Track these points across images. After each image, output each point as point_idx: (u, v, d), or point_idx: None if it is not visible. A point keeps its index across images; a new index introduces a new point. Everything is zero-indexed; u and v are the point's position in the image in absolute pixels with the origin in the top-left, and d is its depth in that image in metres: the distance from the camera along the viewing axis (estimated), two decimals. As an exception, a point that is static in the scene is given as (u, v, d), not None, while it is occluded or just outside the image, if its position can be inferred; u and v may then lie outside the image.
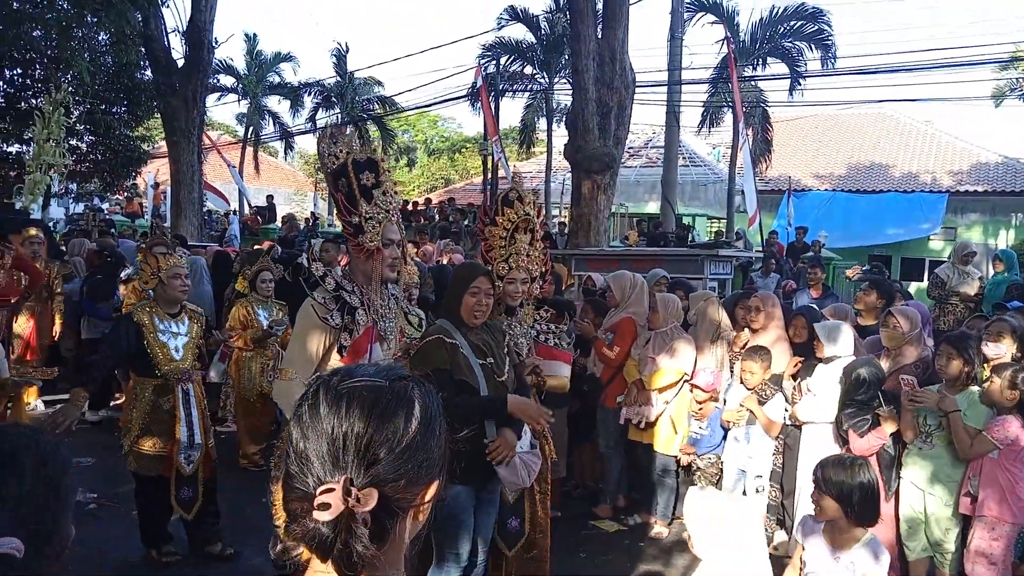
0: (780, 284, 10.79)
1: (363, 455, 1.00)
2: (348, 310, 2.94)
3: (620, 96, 9.72)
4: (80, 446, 6.24)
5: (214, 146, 19.76)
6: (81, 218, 15.08)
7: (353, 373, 1.08)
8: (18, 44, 13.14)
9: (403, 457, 1.01)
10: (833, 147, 24.57)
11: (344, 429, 1.00)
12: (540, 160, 25.22)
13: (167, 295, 4.16)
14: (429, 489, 1.07)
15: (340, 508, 0.95)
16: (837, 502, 2.66)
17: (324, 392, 1.04)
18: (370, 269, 2.99)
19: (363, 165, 2.95)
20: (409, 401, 1.05)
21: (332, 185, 3.02)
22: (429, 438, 1.06)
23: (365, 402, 1.02)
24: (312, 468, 1.01)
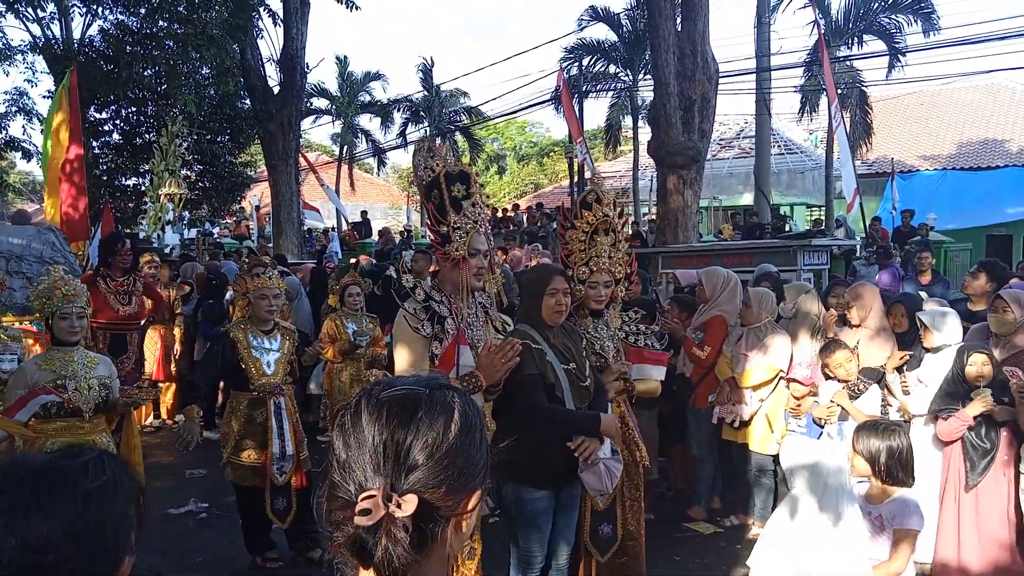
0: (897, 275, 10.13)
1: (403, 461, 1.01)
2: (438, 319, 3.00)
3: (703, 88, 9.51)
4: (193, 459, 6.63)
5: (310, 167, 20.58)
6: (193, 243, 16.05)
7: (394, 383, 1.10)
8: (131, 84, 14.11)
9: (443, 463, 1.02)
10: (941, 124, 23.18)
11: (384, 436, 1.02)
12: (628, 159, 24.97)
13: (255, 314, 4.38)
14: (471, 498, 1.08)
15: (380, 513, 0.97)
16: (867, 462, 2.95)
17: (366, 402, 1.07)
18: (457, 278, 3.05)
19: (455, 177, 3.03)
20: (449, 408, 1.06)
21: (424, 196, 3.11)
22: (469, 445, 1.06)
23: (405, 409, 1.04)
24: (354, 475, 1.03)
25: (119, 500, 1.10)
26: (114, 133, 16.45)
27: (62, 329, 3.63)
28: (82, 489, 1.07)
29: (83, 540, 1.04)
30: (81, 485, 1.07)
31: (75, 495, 1.06)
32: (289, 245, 14.35)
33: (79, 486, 1.07)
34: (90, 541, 1.05)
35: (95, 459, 1.12)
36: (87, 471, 1.09)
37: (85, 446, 1.20)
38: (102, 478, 1.10)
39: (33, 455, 1.16)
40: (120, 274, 6.25)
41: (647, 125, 13.82)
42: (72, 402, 3.54)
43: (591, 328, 3.60)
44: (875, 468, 2.96)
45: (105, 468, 1.11)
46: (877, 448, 2.96)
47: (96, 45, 14.81)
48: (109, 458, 1.14)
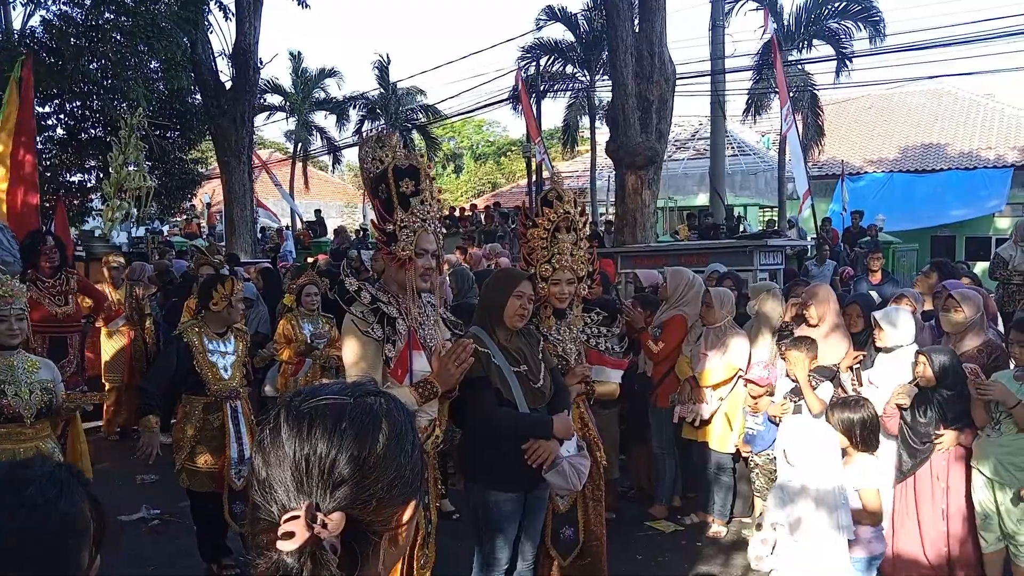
0: (837, 271, 10.49)
1: (327, 477, 0.94)
2: (388, 321, 2.89)
3: (660, 89, 9.60)
4: (144, 464, 6.43)
5: (263, 165, 20.23)
6: (142, 241, 15.62)
7: (317, 393, 1.02)
8: (76, 77, 13.66)
9: (371, 477, 0.95)
10: (887, 128, 23.83)
11: (306, 451, 0.95)
12: (585, 159, 25.11)
13: (229, 318, 4.26)
14: (406, 510, 1.01)
15: (305, 536, 0.90)
16: (844, 434, 3.37)
17: (285, 414, 0.99)
18: (403, 279, 2.94)
19: (404, 172, 2.89)
20: (375, 417, 0.99)
21: (371, 191, 2.98)
22: (399, 455, 0.99)
23: (328, 420, 0.96)
24: (276, 496, 0.95)
25: (69, 518, 1.02)
26: (58, 128, 15.90)
27: (0, 332, 3.46)
28: (26, 505, 0.99)
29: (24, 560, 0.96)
30: (25, 500, 1.00)
31: (16, 511, 0.98)
32: (242, 244, 14.05)
33: (22, 501, 0.99)
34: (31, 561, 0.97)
35: (46, 473, 1.04)
36: (31, 483, 1.01)
37: (35, 460, 1.09)
38: (49, 491, 1.02)
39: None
40: (49, 274, 5.97)
41: (604, 125, 13.92)
42: (12, 408, 3.38)
43: (554, 330, 3.57)
44: (852, 439, 3.42)
45: (54, 482, 1.03)
46: (851, 420, 3.42)
47: (39, 36, 14.31)
48: (64, 474, 1.06)
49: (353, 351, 2.88)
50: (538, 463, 3.09)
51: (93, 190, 15.55)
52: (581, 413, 3.63)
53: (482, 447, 3.21)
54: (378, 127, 25.29)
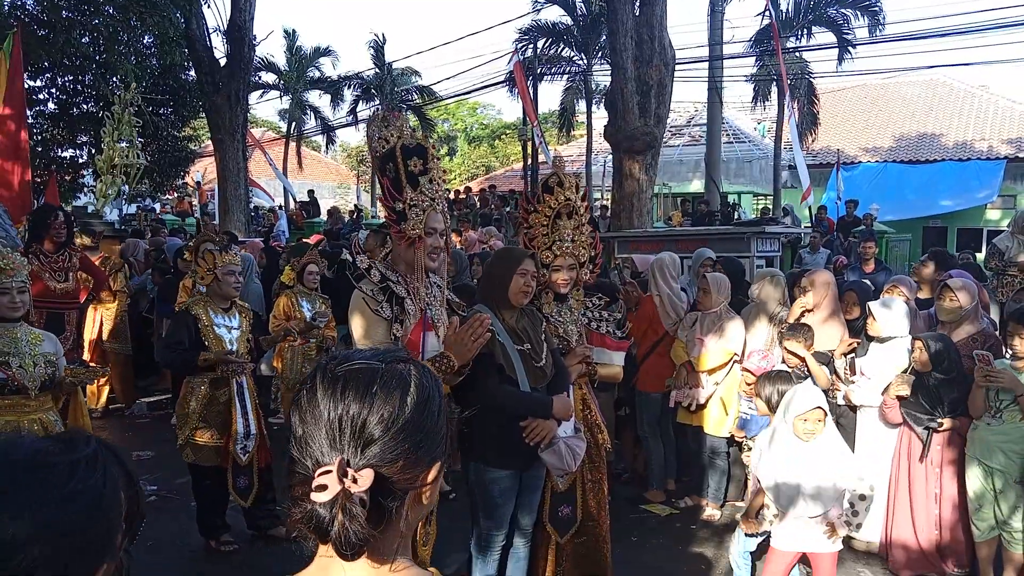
0: (831, 260, 10.54)
1: (358, 436, 1.00)
2: (396, 300, 2.91)
3: (660, 74, 9.57)
4: (140, 440, 6.45)
5: (256, 144, 20.08)
6: (134, 219, 15.50)
7: (351, 357, 1.08)
8: (68, 51, 13.49)
9: (399, 438, 1.01)
10: (883, 117, 23.87)
11: (340, 411, 1.01)
12: (581, 143, 25.05)
13: (221, 291, 4.29)
14: (431, 471, 1.07)
15: (336, 489, 0.96)
16: (766, 403, 3.78)
17: (321, 376, 1.05)
18: (412, 258, 2.94)
19: (412, 151, 2.89)
20: (404, 382, 1.05)
21: (379, 170, 2.96)
22: (427, 418, 1.05)
23: (360, 384, 1.03)
24: (310, 451, 1.02)
25: (105, 502, 1.03)
26: (49, 102, 15.72)
27: (3, 305, 3.45)
28: (63, 489, 0.99)
29: (57, 542, 0.96)
30: (63, 483, 1.00)
31: (52, 494, 0.98)
32: (236, 223, 13.97)
33: (60, 485, 1.00)
34: (65, 544, 0.97)
35: (88, 456, 1.04)
36: (74, 469, 1.01)
37: (76, 440, 1.07)
38: (90, 478, 1.02)
39: (24, 442, 1.04)
40: (54, 249, 5.92)
41: (601, 109, 13.88)
42: (17, 379, 3.38)
43: (554, 312, 3.57)
44: (771, 406, 3.73)
45: (96, 467, 1.04)
46: (771, 392, 3.73)
47: (29, 8, 14.10)
48: (105, 455, 1.06)
49: (362, 328, 2.90)
50: (535, 442, 3.11)
51: (85, 166, 15.40)
52: (583, 394, 3.65)
53: (481, 424, 3.16)
54: (373, 108, 25.14)
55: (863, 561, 4.38)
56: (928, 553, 4.11)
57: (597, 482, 3.63)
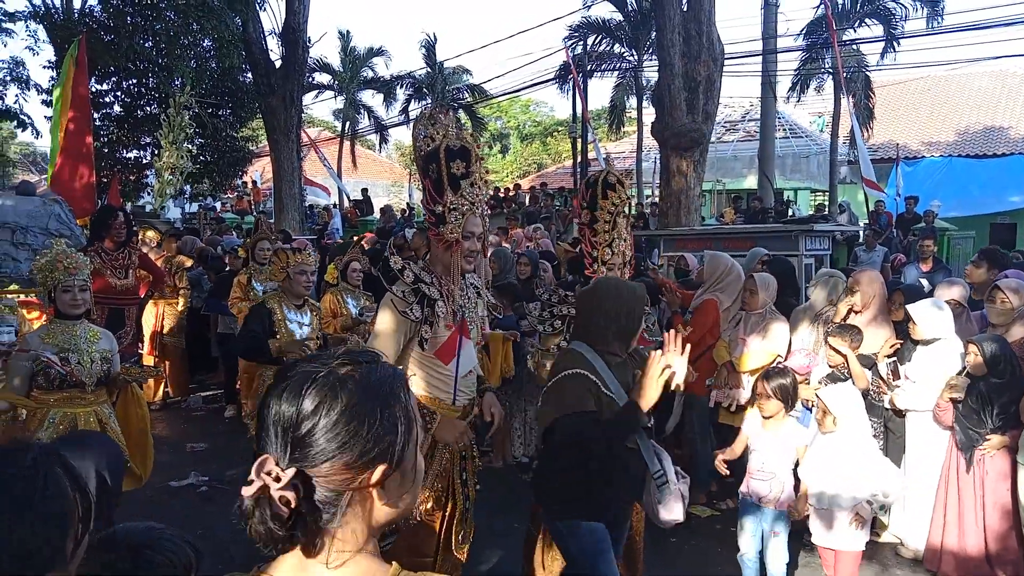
0: (887, 258, 10.25)
1: (287, 435, 1.05)
2: (428, 302, 2.92)
3: (708, 70, 9.43)
4: (195, 432, 6.69)
5: (311, 143, 20.49)
6: (194, 217, 16.02)
7: (312, 359, 1.13)
8: (132, 55, 14.01)
9: (323, 439, 1.05)
10: (946, 111, 23.04)
11: (275, 411, 1.07)
12: (631, 140, 24.85)
13: (293, 289, 4.50)
14: (372, 473, 1.09)
15: (257, 484, 1.01)
16: (779, 397, 3.72)
17: (277, 378, 1.12)
18: (448, 260, 2.97)
19: (455, 153, 2.90)
20: (336, 387, 1.07)
21: (422, 169, 2.98)
22: (358, 423, 1.07)
23: (295, 386, 1.07)
24: (263, 446, 1.09)
25: (44, 512, 1.05)
26: (115, 105, 16.35)
27: (64, 302, 3.63)
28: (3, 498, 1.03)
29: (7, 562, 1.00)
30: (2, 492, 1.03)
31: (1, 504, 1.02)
32: (290, 221, 14.31)
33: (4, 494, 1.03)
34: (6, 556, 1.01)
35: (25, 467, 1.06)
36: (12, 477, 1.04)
37: (18, 449, 1.10)
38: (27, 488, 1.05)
39: None
40: (114, 247, 6.17)
41: (651, 106, 13.74)
42: (75, 375, 3.55)
43: None
44: (785, 399, 3.74)
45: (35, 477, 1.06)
46: (783, 384, 3.74)
47: (96, 15, 14.68)
48: (45, 464, 1.09)
49: (384, 327, 2.93)
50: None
51: (148, 166, 15.98)
52: None
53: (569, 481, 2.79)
54: (424, 106, 25.37)
55: (909, 568, 4.28)
56: (976, 561, 4.00)
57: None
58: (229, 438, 6.46)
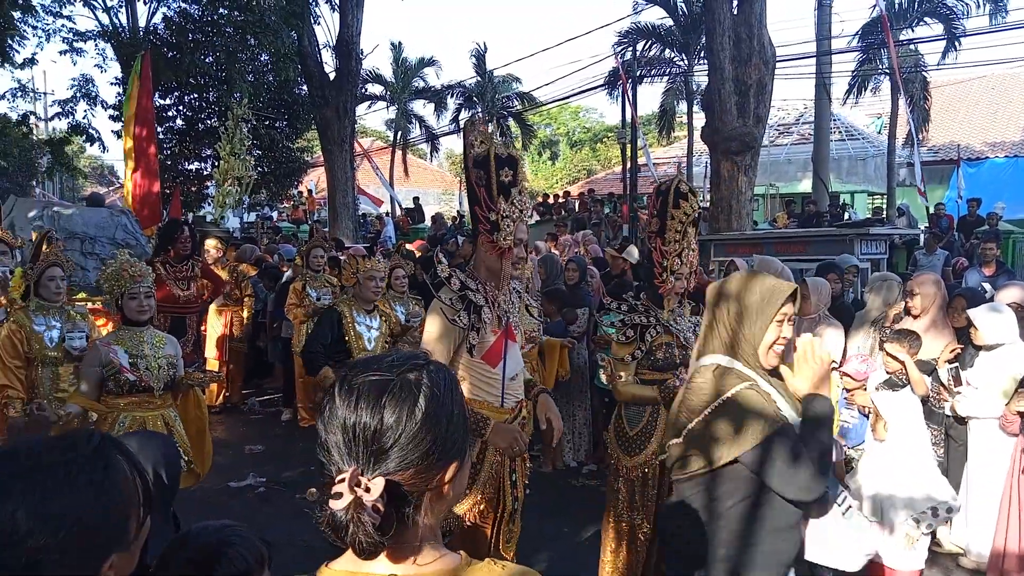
0: (949, 262, 9.95)
1: (370, 447, 1.07)
2: (474, 309, 2.98)
3: (759, 73, 9.33)
4: (252, 435, 6.88)
5: (364, 153, 20.86)
6: (252, 227, 16.47)
7: (367, 366, 1.15)
8: (193, 71, 14.53)
9: (409, 447, 1.08)
10: (1011, 110, 22.22)
11: (353, 422, 1.08)
12: (682, 144, 24.64)
13: (363, 294, 4.65)
14: (447, 471, 1.14)
15: (349, 498, 1.03)
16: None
17: (339, 386, 1.13)
18: (498, 266, 3.02)
19: (503, 161, 2.95)
20: (414, 393, 1.10)
21: (473, 176, 3.02)
22: (438, 426, 1.11)
23: (371, 395, 1.09)
24: (331, 458, 1.10)
25: (108, 495, 1.09)
26: (177, 119, 16.96)
27: (131, 309, 3.78)
28: (63, 482, 1.06)
29: (59, 534, 1.03)
30: (62, 477, 1.06)
31: (52, 488, 1.05)
32: (344, 230, 14.59)
33: (60, 478, 1.06)
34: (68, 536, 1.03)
35: (89, 452, 1.11)
36: (74, 463, 1.08)
37: (82, 434, 1.15)
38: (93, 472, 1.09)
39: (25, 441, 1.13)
40: (178, 259, 6.36)
41: (702, 111, 13.63)
42: (145, 380, 3.68)
43: (673, 320, 3.54)
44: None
45: (97, 461, 1.10)
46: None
47: (160, 32, 15.27)
48: (108, 450, 1.13)
49: (435, 334, 2.98)
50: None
51: (209, 178, 16.52)
52: None
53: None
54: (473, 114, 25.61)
55: (971, 579, 4.16)
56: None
57: None
58: (286, 441, 6.64)
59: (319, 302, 6.73)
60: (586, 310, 6.08)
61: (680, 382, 3.50)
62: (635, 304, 3.57)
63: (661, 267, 3.50)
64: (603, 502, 3.70)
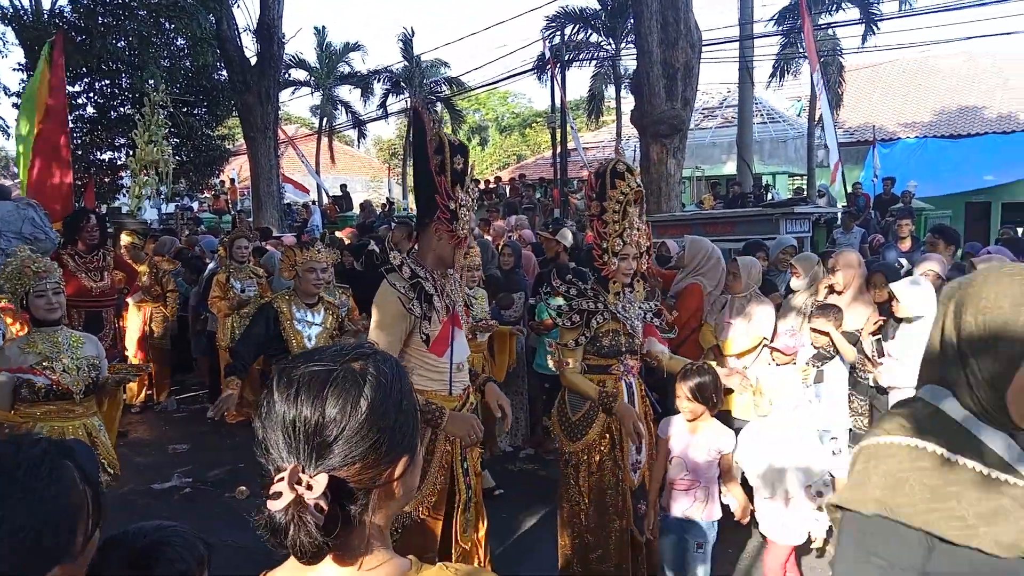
0: (866, 239, 10.32)
1: (312, 441, 0.99)
2: (425, 297, 2.92)
3: (686, 56, 9.44)
4: (176, 434, 6.63)
5: (288, 140, 20.32)
6: (171, 218, 15.86)
7: (308, 358, 1.07)
8: (104, 56, 13.83)
9: (353, 440, 1.00)
10: (921, 92, 23.21)
11: (293, 416, 1.00)
12: (610, 129, 24.88)
13: (303, 287, 4.36)
14: (396, 467, 1.06)
15: (289, 496, 0.95)
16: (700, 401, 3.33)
17: (278, 380, 1.05)
18: (449, 255, 2.98)
19: (456, 148, 2.91)
20: (359, 383, 1.03)
21: (434, 163, 2.91)
22: (385, 418, 1.03)
23: (313, 387, 1.01)
24: (271, 457, 1.02)
25: (53, 503, 1.03)
26: (88, 106, 16.14)
27: (40, 307, 3.51)
28: (14, 492, 1.00)
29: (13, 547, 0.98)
30: (7, 480, 1.00)
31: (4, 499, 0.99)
32: (269, 219, 14.20)
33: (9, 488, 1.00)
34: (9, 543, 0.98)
35: (34, 457, 1.04)
36: (17, 470, 1.02)
37: (25, 440, 1.08)
38: (37, 479, 1.02)
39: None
40: (87, 250, 6.07)
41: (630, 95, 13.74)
42: (61, 384, 3.42)
43: (619, 306, 3.47)
44: (709, 403, 3.37)
45: (41, 468, 1.04)
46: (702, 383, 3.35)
47: (67, 16, 14.47)
48: (56, 456, 1.07)
49: (386, 321, 2.89)
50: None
51: (123, 167, 15.82)
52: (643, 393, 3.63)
53: None
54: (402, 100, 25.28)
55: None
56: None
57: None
58: (212, 438, 6.41)
59: (244, 294, 6.52)
60: (522, 295, 6.05)
61: (625, 369, 3.51)
62: (584, 288, 3.53)
63: (601, 249, 3.46)
64: (541, 487, 3.70)
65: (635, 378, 3.55)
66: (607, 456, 3.46)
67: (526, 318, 5.97)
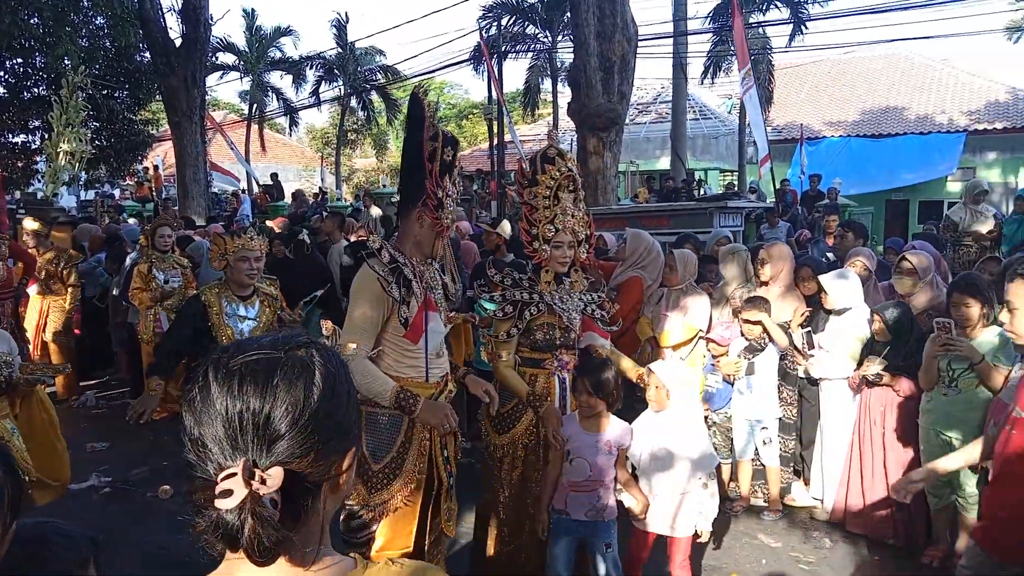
0: (792, 233, 10.61)
1: (263, 433, 0.94)
2: (404, 282, 2.91)
3: (623, 50, 9.49)
4: (95, 432, 6.31)
5: (216, 127, 19.63)
6: (91, 205, 15.15)
7: (245, 348, 1.00)
8: (16, 33, 13.05)
9: (307, 430, 0.95)
10: (845, 92, 24.03)
11: (239, 408, 0.94)
12: (547, 121, 24.94)
13: (236, 278, 4.04)
14: (344, 459, 1.03)
15: (243, 493, 0.89)
16: (602, 397, 3.17)
17: (214, 372, 0.97)
18: (430, 242, 2.99)
19: (448, 140, 2.95)
20: (308, 370, 0.98)
21: (428, 149, 2.90)
22: (335, 407, 0.99)
23: (259, 376, 0.95)
24: (210, 454, 0.94)
25: None
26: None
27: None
28: None
29: None
30: None
31: None
32: (196, 208, 13.70)
33: None
34: None
35: None
36: None
37: None
38: None
39: None
40: None
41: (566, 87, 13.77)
42: None
43: (557, 299, 3.39)
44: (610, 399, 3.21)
45: None
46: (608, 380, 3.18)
47: (-27, -10, 13.61)
48: None
49: (366, 304, 2.88)
50: None
51: (38, 152, 15.00)
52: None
53: None
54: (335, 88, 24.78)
55: (824, 530, 4.43)
56: (882, 518, 4.18)
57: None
58: (133, 436, 6.10)
59: (167, 285, 6.24)
60: (460, 287, 5.97)
61: (559, 364, 3.45)
62: (519, 279, 3.46)
63: (531, 235, 3.38)
64: (477, 481, 3.64)
65: (569, 374, 3.47)
66: (532, 451, 3.42)
67: (465, 311, 5.90)
